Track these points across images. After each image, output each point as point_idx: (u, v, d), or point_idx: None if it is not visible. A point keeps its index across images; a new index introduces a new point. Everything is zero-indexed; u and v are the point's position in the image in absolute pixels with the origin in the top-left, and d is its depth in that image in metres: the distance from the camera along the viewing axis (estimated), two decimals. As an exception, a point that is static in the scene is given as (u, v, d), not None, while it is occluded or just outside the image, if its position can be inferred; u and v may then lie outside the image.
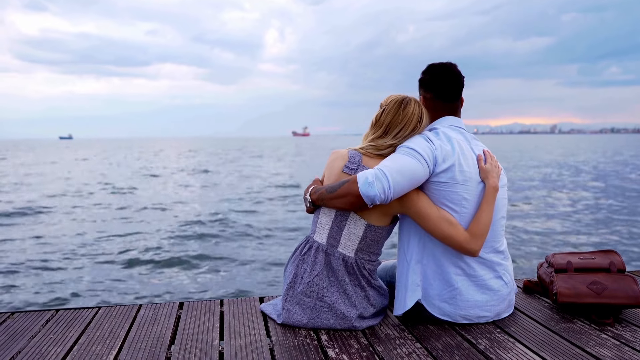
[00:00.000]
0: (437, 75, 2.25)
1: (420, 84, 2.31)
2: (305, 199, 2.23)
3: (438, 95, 2.26)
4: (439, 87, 2.25)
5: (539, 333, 2.12)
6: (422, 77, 2.30)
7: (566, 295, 2.29)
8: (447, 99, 2.26)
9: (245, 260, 8.25)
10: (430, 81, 2.26)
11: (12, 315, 2.37)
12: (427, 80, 2.27)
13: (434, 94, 2.26)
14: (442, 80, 2.25)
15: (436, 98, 2.26)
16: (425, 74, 2.28)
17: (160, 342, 2.03)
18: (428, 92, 2.27)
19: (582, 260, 2.41)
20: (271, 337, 2.09)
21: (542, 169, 29.31)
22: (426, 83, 2.28)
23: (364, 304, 2.17)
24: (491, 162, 2.18)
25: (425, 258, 2.17)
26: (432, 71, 2.27)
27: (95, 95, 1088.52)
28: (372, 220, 2.13)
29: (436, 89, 2.25)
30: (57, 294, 6.52)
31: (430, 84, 2.26)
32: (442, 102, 2.26)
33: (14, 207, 14.23)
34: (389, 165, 2.00)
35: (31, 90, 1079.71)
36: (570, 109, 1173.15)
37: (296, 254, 2.24)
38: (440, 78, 2.25)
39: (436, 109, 2.27)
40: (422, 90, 2.30)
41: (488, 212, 2.10)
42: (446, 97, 2.26)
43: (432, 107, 2.27)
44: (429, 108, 2.27)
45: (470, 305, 2.16)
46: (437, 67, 2.27)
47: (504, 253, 2.25)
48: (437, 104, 2.27)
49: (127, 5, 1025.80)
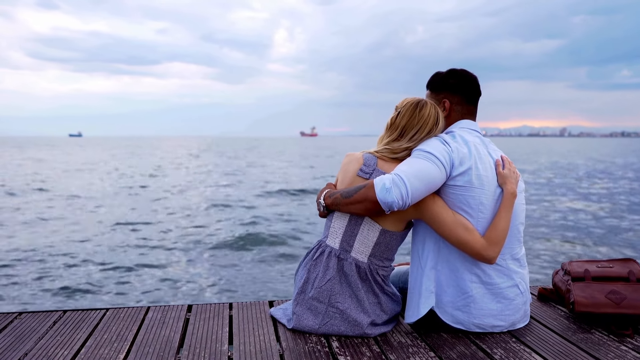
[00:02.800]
0: (463, 79, 2.24)
1: (445, 88, 2.25)
2: (319, 203, 2.18)
3: (467, 99, 2.25)
4: (466, 91, 2.24)
5: (555, 343, 2.06)
6: (446, 81, 2.25)
7: (584, 305, 2.24)
8: (472, 102, 2.27)
9: (255, 263, 8.22)
10: (458, 85, 2.24)
11: (20, 315, 2.35)
12: (455, 84, 2.24)
13: (463, 97, 2.24)
14: (469, 84, 2.24)
15: (466, 102, 2.25)
16: (451, 78, 2.25)
17: (168, 347, 2.00)
18: (455, 96, 2.24)
19: (600, 268, 2.35)
20: (281, 342, 2.05)
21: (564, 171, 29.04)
22: (454, 87, 2.24)
23: (376, 311, 2.12)
24: (509, 168, 2.13)
25: (440, 264, 2.12)
26: (458, 76, 2.25)
27: (105, 94, 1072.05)
28: (387, 225, 2.08)
29: (464, 92, 2.24)
30: (65, 293, 6.53)
31: (458, 87, 2.24)
32: (468, 105, 2.25)
33: (25, 203, 14.32)
34: (406, 170, 1.95)
35: (42, 88, 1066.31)
36: (579, 112, 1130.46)
37: (308, 258, 2.19)
38: (467, 82, 2.24)
39: (461, 113, 2.25)
40: (447, 94, 2.25)
41: (506, 218, 2.05)
42: (472, 100, 2.26)
43: (457, 110, 2.25)
44: (453, 112, 2.24)
45: (485, 314, 2.10)
46: (460, 72, 2.26)
47: (521, 260, 2.19)
48: (462, 108, 2.25)
49: (138, 4, 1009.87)
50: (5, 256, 8.34)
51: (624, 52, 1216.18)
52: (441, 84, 2.26)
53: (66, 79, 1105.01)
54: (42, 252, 8.69)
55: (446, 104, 2.24)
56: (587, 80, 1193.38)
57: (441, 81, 2.26)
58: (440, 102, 2.25)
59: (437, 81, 2.27)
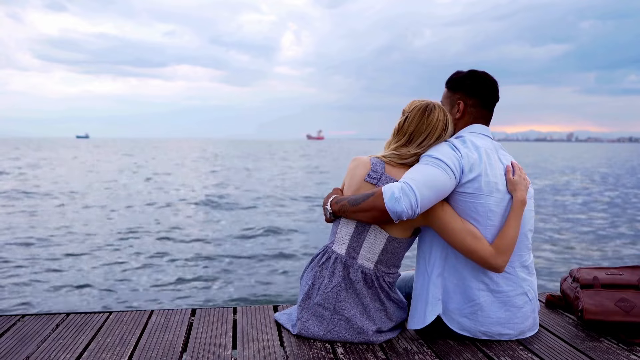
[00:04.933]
0: (481, 82, 2.18)
1: (461, 88, 2.19)
2: (326, 209, 2.15)
3: (483, 103, 2.19)
4: (482, 94, 2.18)
5: (564, 352, 2.03)
6: (464, 81, 2.19)
7: (593, 313, 2.20)
8: (487, 107, 2.20)
9: (259, 267, 8.20)
10: (475, 87, 2.18)
11: (23, 318, 2.33)
12: (471, 85, 2.18)
13: (480, 100, 2.18)
14: (486, 88, 2.18)
15: (481, 106, 2.19)
16: (469, 79, 2.19)
17: (171, 351, 1.98)
18: (471, 99, 2.18)
19: (609, 275, 2.32)
20: (285, 348, 2.02)
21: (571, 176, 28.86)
22: (470, 88, 2.18)
23: (382, 318, 2.10)
24: (520, 174, 2.09)
25: (447, 271, 2.09)
26: (476, 78, 2.19)
27: (113, 96, 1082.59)
28: (394, 232, 2.06)
29: (481, 95, 2.18)
30: (69, 296, 6.53)
31: (475, 90, 2.18)
32: (482, 109, 2.20)
33: (29, 205, 14.37)
34: (415, 177, 1.92)
35: (49, 90, 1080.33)
36: (587, 117, 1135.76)
37: (313, 264, 2.17)
38: (484, 85, 2.18)
39: (474, 116, 2.19)
40: (462, 95, 2.19)
41: (515, 226, 2.01)
42: (487, 104, 2.20)
43: (471, 113, 2.19)
44: (467, 114, 2.19)
45: (492, 322, 2.07)
46: (479, 75, 2.20)
47: (530, 268, 2.16)
48: (478, 112, 2.19)
49: (146, 7, 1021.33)
50: (7, 257, 8.35)
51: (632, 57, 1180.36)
52: (458, 84, 2.20)
53: (74, 80, 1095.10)
54: (44, 253, 8.70)
55: (460, 105, 2.19)
56: (595, 85, 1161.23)
57: (459, 81, 2.20)
58: (455, 102, 2.20)
59: (455, 80, 2.21)
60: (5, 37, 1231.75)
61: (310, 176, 27.75)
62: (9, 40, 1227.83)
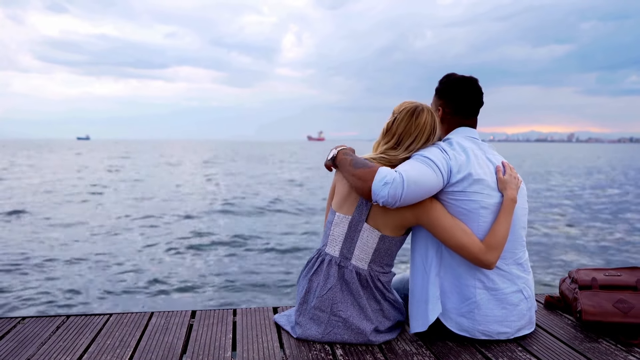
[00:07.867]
0: (459, 90, 2.19)
1: (439, 94, 2.24)
2: (331, 152, 2.20)
3: (458, 111, 2.21)
4: (459, 103, 2.19)
5: (562, 353, 2.03)
6: (441, 87, 2.23)
7: (591, 314, 2.21)
8: (466, 116, 2.21)
9: (259, 268, 8.20)
10: (451, 95, 2.20)
11: (23, 320, 2.34)
12: (447, 92, 2.21)
13: (454, 109, 2.20)
14: (464, 97, 2.19)
15: (455, 114, 2.21)
16: (445, 85, 2.22)
17: (171, 353, 1.98)
18: (447, 107, 2.21)
19: (607, 277, 2.33)
20: (284, 349, 2.03)
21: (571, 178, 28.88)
22: (446, 96, 2.21)
23: (379, 318, 2.11)
24: (510, 174, 2.12)
25: (443, 270, 2.10)
26: (454, 85, 2.20)
27: (114, 97, 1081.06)
28: (386, 231, 2.08)
29: (457, 104, 2.20)
30: (69, 298, 6.53)
31: (451, 98, 2.20)
32: (460, 118, 2.21)
33: (27, 208, 14.36)
34: (408, 171, 1.94)
35: (51, 91, 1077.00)
36: (588, 118, 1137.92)
37: (308, 267, 2.19)
38: (463, 94, 2.19)
39: (452, 124, 2.22)
40: (441, 102, 2.23)
41: (505, 224, 2.03)
42: (466, 113, 2.21)
43: (448, 121, 2.22)
44: (445, 122, 2.23)
45: (490, 320, 2.08)
46: (459, 81, 2.21)
47: (524, 265, 2.17)
48: (454, 120, 2.22)
49: (147, 8, 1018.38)
50: (9, 259, 8.35)
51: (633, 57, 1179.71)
52: (440, 89, 2.24)
53: (75, 82, 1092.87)
54: (45, 256, 8.71)
55: (439, 111, 2.23)
56: (596, 86, 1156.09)
57: (440, 85, 2.24)
58: (437, 108, 2.24)
59: (439, 84, 2.25)
60: (6, 39, 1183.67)
61: (311, 176, 27.77)
62: (10, 42, 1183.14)
